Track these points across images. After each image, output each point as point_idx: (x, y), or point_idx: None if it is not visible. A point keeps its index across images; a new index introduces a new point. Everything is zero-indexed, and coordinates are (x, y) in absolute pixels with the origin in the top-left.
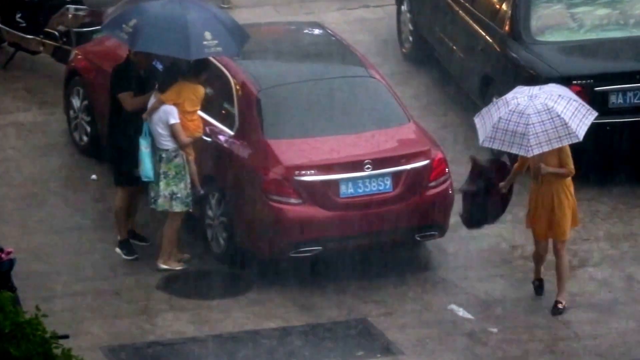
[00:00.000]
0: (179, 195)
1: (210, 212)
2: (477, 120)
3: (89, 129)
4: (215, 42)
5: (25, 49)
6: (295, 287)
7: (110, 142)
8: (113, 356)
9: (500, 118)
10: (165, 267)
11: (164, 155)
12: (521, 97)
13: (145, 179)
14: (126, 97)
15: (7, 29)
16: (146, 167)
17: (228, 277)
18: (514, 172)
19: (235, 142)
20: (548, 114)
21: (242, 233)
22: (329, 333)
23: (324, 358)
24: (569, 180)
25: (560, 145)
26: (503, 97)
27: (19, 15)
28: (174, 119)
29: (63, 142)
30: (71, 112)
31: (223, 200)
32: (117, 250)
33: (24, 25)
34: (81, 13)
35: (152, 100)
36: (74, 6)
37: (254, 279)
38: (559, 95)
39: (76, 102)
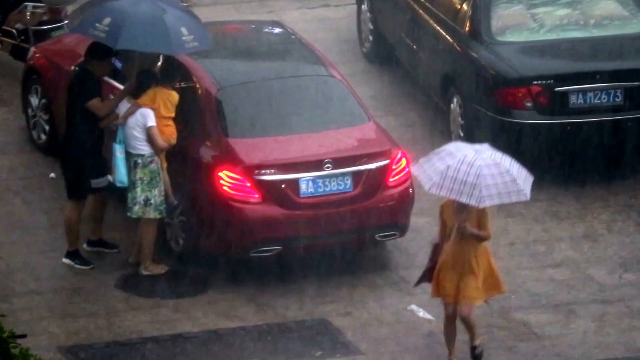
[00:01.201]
0: (152, 201)
1: None
2: (416, 168)
3: (47, 127)
4: (192, 37)
5: None
6: (254, 287)
7: (68, 153)
8: (71, 355)
9: (449, 166)
10: (147, 273)
11: (139, 160)
12: (466, 150)
13: (119, 184)
14: (96, 104)
15: None
16: (121, 173)
17: (187, 277)
18: (442, 240)
19: (196, 141)
20: (497, 168)
21: (202, 232)
22: (289, 333)
23: (283, 358)
24: (486, 246)
25: (510, 201)
26: (444, 149)
27: None
28: (152, 121)
29: (21, 140)
30: (29, 111)
31: (182, 199)
32: (66, 261)
33: None
34: (39, 11)
35: (124, 104)
36: (32, 4)
37: (213, 278)
38: (502, 154)
39: (34, 101)
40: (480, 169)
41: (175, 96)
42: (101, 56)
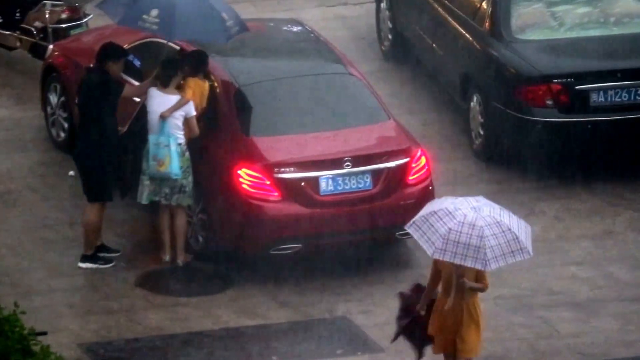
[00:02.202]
0: (186, 189)
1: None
2: (413, 230)
3: (66, 125)
4: (232, 22)
5: (1, 45)
6: (275, 285)
7: (90, 156)
8: (91, 352)
9: (450, 229)
10: (184, 262)
11: (178, 149)
12: (464, 209)
13: (175, 177)
14: (130, 88)
15: None
16: (176, 165)
17: (207, 274)
18: (429, 290)
19: (215, 139)
20: (499, 227)
21: (222, 230)
22: (309, 331)
23: (303, 356)
24: (477, 298)
25: (514, 261)
26: (441, 208)
27: None
28: (193, 112)
29: (40, 138)
30: (48, 109)
31: (202, 197)
32: (87, 265)
33: (0, 21)
34: (58, 9)
35: (154, 94)
36: (51, 2)
37: (234, 276)
38: (500, 208)
39: (53, 99)
40: (482, 230)
41: (207, 87)
42: (118, 56)
